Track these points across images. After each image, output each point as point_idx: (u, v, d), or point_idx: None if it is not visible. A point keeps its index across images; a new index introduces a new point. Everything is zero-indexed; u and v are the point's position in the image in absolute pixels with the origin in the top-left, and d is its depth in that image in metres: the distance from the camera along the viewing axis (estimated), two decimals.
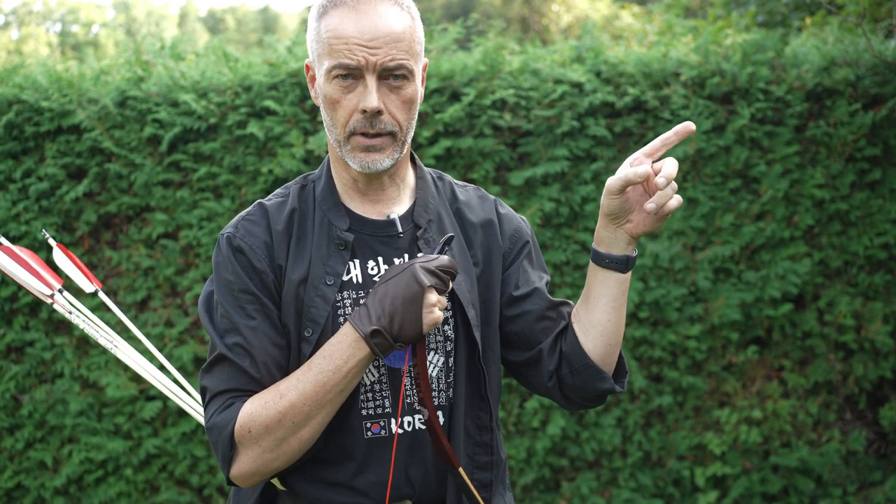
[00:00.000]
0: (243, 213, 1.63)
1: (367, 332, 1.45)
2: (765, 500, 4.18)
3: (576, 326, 1.64)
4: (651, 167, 1.51)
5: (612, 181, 1.52)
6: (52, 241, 2.27)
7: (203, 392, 1.57)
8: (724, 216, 4.06)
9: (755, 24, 5.87)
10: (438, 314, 1.46)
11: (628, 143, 4.07)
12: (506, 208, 1.76)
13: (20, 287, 3.97)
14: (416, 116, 1.59)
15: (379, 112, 1.51)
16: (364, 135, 1.53)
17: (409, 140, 1.59)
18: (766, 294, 4.06)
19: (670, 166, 1.48)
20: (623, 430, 4.11)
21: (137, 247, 4.02)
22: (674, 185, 1.48)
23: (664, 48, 4.26)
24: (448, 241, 1.52)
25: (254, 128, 3.86)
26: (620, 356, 1.68)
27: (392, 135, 1.54)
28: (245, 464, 1.51)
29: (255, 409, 1.49)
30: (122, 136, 3.94)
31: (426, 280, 1.45)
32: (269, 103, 3.87)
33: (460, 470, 1.52)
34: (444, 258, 1.49)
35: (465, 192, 1.74)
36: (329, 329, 1.54)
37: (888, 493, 4.11)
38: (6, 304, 4.01)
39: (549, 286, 1.75)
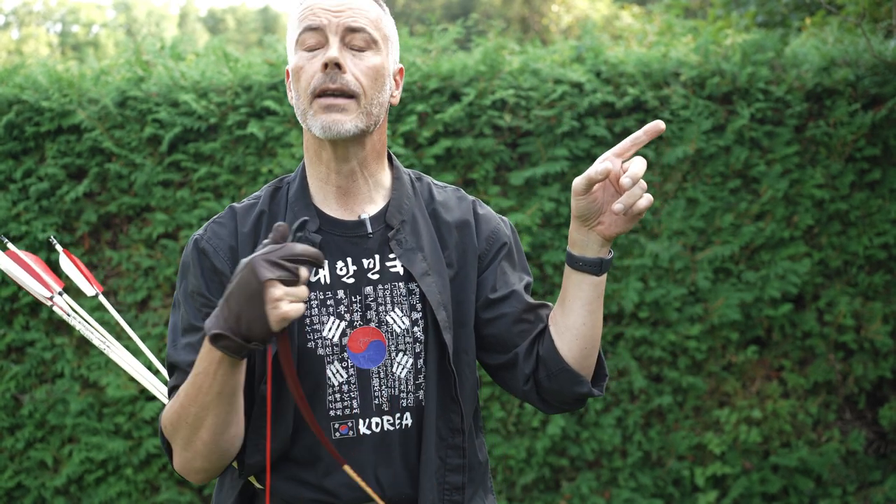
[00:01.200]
0: (216, 216, 1.63)
1: (210, 335, 1.36)
2: (765, 499, 4.18)
3: (552, 330, 1.62)
4: (620, 166, 1.48)
5: (576, 181, 1.50)
6: (58, 247, 2.36)
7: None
8: (723, 216, 4.06)
9: (755, 25, 5.87)
10: (286, 308, 1.31)
11: None
12: (485, 209, 1.73)
13: (20, 287, 3.97)
14: (385, 94, 1.57)
15: (339, 66, 1.49)
16: (325, 93, 1.51)
17: (377, 115, 1.56)
18: (765, 294, 4.06)
19: (637, 166, 1.45)
20: (623, 430, 4.11)
21: (137, 247, 4.02)
22: (642, 184, 1.45)
23: (664, 48, 4.26)
24: (300, 227, 1.38)
25: (254, 128, 3.87)
26: (600, 359, 1.65)
27: (355, 98, 1.52)
28: (175, 460, 1.53)
29: (167, 408, 1.51)
30: (122, 136, 3.95)
31: (266, 273, 1.31)
32: (269, 103, 3.87)
33: (346, 468, 1.46)
34: (294, 246, 1.33)
35: (444, 192, 1.72)
36: (294, 329, 1.53)
37: (888, 493, 4.11)
38: (6, 304, 4.01)
39: (531, 288, 1.72)
